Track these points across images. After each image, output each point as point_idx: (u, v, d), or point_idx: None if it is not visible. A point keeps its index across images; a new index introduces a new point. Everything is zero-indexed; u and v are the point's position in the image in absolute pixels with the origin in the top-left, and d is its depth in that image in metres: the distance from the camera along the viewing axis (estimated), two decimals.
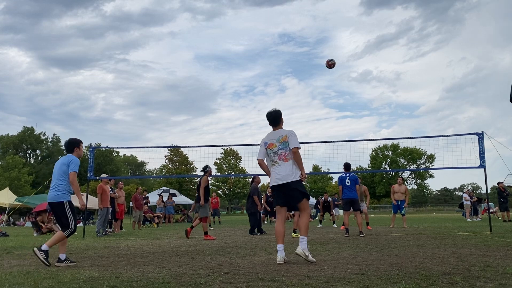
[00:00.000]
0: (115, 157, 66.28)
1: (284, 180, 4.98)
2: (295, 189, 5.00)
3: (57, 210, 5.20)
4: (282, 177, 4.99)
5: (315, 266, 4.53)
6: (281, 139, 5.11)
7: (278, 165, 5.07)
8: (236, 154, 60.20)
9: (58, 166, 5.30)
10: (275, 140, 5.14)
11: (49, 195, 5.28)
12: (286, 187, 5.00)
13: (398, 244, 6.98)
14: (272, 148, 5.14)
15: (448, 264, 4.47)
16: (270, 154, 5.16)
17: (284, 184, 4.99)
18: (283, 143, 5.09)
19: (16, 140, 58.04)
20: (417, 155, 63.25)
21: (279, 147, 5.09)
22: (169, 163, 58.23)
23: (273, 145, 5.15)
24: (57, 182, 5.22)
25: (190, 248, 7.00)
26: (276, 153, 5.10)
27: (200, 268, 4.54)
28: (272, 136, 5.21)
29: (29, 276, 4.12)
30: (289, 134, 5.12)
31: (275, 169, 5.09)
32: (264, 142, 5.26)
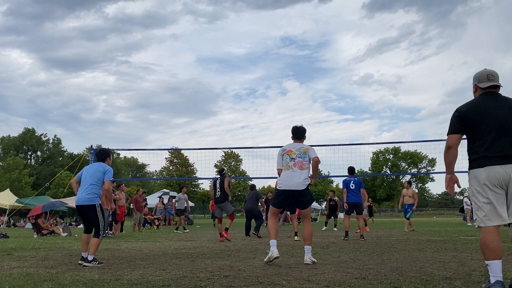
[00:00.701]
0: (116, 159, 66.31)
1: (297, 187, 5.19)
2: (305, 196, 5.24)
3: (88, 212, 5.34)
4: (296, 184, 5.19)
5: (315, 270, 4.52)
6: (301, 150, 5.39)
7: (292, 171, 5.26)
8: (237, 157, 60.18)
9: (91, 171, 5.44)
10: (295, 149, 5.40)
11: (80, 197, 5.37)
12: (297, 193, 5.21)
13: (398, 248, 6.96)
14: (290, 154, 5.37)
15: (448, 268, 4.46)
16: (286, 159, 5.36)
17: (294, 190, 5.20)
18: (302, 154, 5.35)
19: (17, 141, 58.08)
20: (418, 159, 63.18)
21: (297, 155, 5.33)
22: (170, 165, 58.24)
23: (292, 152, 5.38)
24: (90, 186, 5.34)
25: (190, 251, 6.99)
26: (293, 159, 5.31)
27: (200, 271, 4.53)
28: (293, 146, 5.47)
29: (29, 278, 4.12)
30: (310, 148, 5.46)
31: (289, 174, 5.26)
32: (282, 149, 5.50)
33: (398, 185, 64.13)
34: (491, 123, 3.18)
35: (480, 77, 3.40)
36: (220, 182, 9.89)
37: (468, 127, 3.27)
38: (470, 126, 3.26)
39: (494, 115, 3.19)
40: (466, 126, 3.27)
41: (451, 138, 3.32)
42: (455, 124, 3.32)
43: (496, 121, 3.17)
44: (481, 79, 3.38)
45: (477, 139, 3.23)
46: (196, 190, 58.68)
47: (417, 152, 61.74)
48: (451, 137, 3.32)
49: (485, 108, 3.24)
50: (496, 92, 3.36)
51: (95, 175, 5.37)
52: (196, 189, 58.55)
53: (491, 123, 3.18)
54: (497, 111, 3.20)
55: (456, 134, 3.30)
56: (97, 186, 5.35)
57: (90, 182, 5.35)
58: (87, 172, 5.47)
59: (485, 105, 3.26)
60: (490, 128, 3.18)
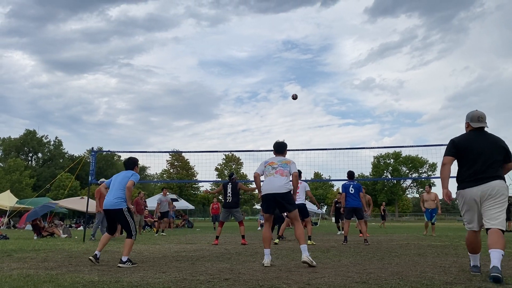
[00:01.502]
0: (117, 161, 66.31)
1: (278, 190, 5.41)
2: (286, 200, 5.43)
3: (116, 216, 5.68)
4: (277, 187, 5.42)
5: (315, 273, 4.51)
6: (283, 161, 5.68)
7: (274, 176, 5.52)
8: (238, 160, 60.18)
9: (120, 178, 5.79)
10: (276, 161, 5.69)
11: (107, 202, 5.71)
12: (279, 197, 5.41)
13: (399, 253, 6.95)
14: (272, 164, 5.66)
15: (449, 273, 4.44)
16: (268, 169, 5.64)
17: (275, 194, 5.41)
18: (284, 164, 5.64)
19: (18, 143, 58.15)
20: (419, 164, 63.12)
21: (278, 164, 5.62)
22: (170, 168, 58.24)
23: (273, 163, 5.67)
24: (117, 191, 5.67)
25: (190, 254, 6.98)
26: (275, 168, 5.59)
27: (200, 274, 4.53)
28: (275, 159, 5.77)
29: (29, 280, 4.11)
30: (292, 162, 5.70)
31: (270, 180, 5.53)
32: (265, 161, 5.80)
33: (399, 189, 64.05)
34: (474, 153, 4.18)
35: (472, 118, 4.35)
36: (232, 187, 9.78)
37: (459, 153, 4.28)
38: (460, 153, 4.27)
39: (477, 147, 4.19)
40: (458, 152, 4.28)
41: (446, 158, 4.33)
42: (450, 149, 4.33)
43: (478, 152, 4.17)
44: (473, 120, 4.34)
45: (463, 165, 4.26)
46: (196, 193, 58.61)
47: (418, 157, 61.71)
48: (446, 157, 4.34)
49: (472, 141, 4.25)
50: (483, 129, 4.35)
51: (123, 181, 5.71)
52: (196, 192, 58.49)
53: (474, 153, 4.18)
54: (480, 144, 4.20)
55: (450, 156, 4.33)
56: (123, 191, 5.66)
57: (118, 187, 5.70)
58: (116, 178, 5.84)
59: (473, 139, 4.28)
60: (473, 157, 4.18)
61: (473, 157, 4.17)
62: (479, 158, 4.14)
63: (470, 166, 4.17)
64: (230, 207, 9.71)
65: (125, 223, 5.62)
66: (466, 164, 4.22)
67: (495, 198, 4.03)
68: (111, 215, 5.74)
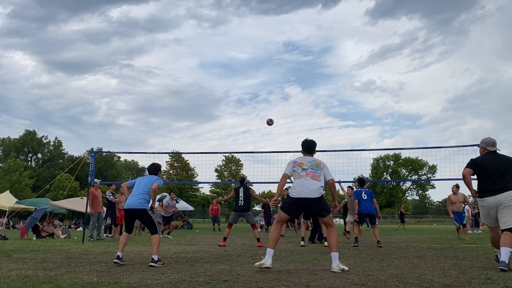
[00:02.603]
0: (116, 162, 66.29)
1: (311, 195, 5.08)
2: (321, 204, 5.14)
3: (140, 216, 5.90)
4: (310, 191, 5.08)
5: (315, 275, 4.51)
6: (313, 163, 5.33)
7: (305, 179, 5.15)
8: (238, 161, 60.17)
9: (145, 181, 6.02)
10: (306, 161, 5.33)
11: (130, 202, 5.90)
12: (310, 201, 5.09)
13: (398, 255, 6.94)
14: (302, 165, 5.28)
15: (448, 276, 4.44)
16: (297, 170, 5.25)
17: (308, 198, 5.08)
18: (314, 166, 5.28)
19: (18, 143, 58.12)
20: (418, 166, 63.10)
21: (309, 166, 5.26)
22: (170, 169, 58.22)
23: (303, 163, 5.30)
24: (142, 193, 5.89)
25: (190, 255, 6.97)
26: (305, 169, 5.23)
27: (199, 275, 4.52)
28: (304, 159, 5.41)
29: (27, 280, 4.11)
30: (323, 164, 5.36)
31: (302, 182, 5.15)
32: (293, 161, 5.41)
33: (399, 191, 63.99)
34: (489, 170, 5.21)
35: (487, 143, 5.43)
36: (244, 191, 9.87)
37: (477, 170, 5.31)
38: (478, 170, 5.30)
39: (492, 166, 5.23)
40: (476, 168, 5.31)
41: (466, 170, 5.33)
42: (471, 165, 5.35)
43: (492, 169, 5.21)
44: (488, 145, 5.42)
45: (482, 179, 5.28)
46: (196, 194, 58.60)
47: (418, 159, 61.68)
48: (466, 169, 5.33)
49: (488, 161, 5.30)
50: (496, 152, 5.41)
51: (148, 184, 5.93)
52: (196, 193, 58.48)
53: (489, 170, 5.21)
54: (495, 164, 5.25)
55: (469, 169, 5.33)
56: (148, 194, 5.91)
57: (142, 190, 5.91)
58: (141, 181, 6.06)
59: (488, 160, 5.32)
60: (488, 173, 5.21)
61: (489, 173, 5.18)
62: (494, 173, 5.16)
63: (488, 180, 5.18)
64: (242, 211, 9.84)
65: (149, 221, 5.84)
66: (484, 178, 5.22)
67: (509, 207, 5.02)
68: (133, 215, 5.94)
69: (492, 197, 5.14)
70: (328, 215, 5.21)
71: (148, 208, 5.87)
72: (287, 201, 5.32)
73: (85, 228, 12.28)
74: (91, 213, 11.83)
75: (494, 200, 5.14)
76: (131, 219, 6.04)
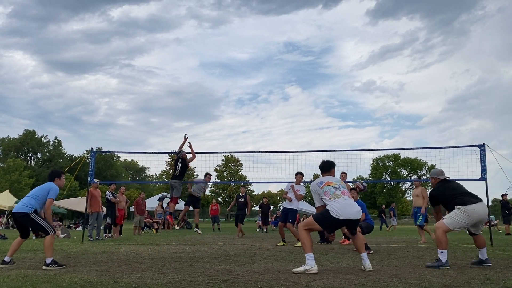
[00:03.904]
0: (116, 162, 66.28)
1: (355, 216, 5.04)
2: (357, 223, 5.26)
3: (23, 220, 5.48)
4: (355, 213, 5.03)
5: (314, 276, 4.51)
6: (341, 182, 5.34)
7: (344, 199, 5.03)
8: (237, 161, 60.18)
9: (38, 187, 5.72)
10: (334, 180, 5.25)
11: (16, 206, 5.66)
12: (353, 222, 5.09)
13: (398, 255, 6.94)
14: (332, 184, 5.16)
15: (448, 276, 4.44)
16: (330, 190, 5.11)
17: (354, 220, 5.06)
18: (343, 185, 5.30)
19: (17, 143, 58.09)
20: (418, 166, 63.12)
21: (339, 185, 5.18)
22: (170, 168, 58.18)
23: (331, 183, 5.19)
24: (28, 197, 5.56)
25: (189, 255, 6.98)
26: (338, 189, 5.12)
27: (199, 275, 4.52)
28: (329, 179, 5.30)
29: (27, 280, 4.11)
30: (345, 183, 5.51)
31: (345, 203, 5.00)
32: (318, 183, 5.23)
33: (398, 192, 64.01)
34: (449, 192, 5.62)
35: (437, 173, 5.86)
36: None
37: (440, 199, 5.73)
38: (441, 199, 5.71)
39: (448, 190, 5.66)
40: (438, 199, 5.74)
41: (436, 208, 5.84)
42: (433, 202, 5.80)
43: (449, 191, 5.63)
44: (439, 174, 5.85)
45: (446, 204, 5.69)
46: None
47: (417, 159, 61.70)
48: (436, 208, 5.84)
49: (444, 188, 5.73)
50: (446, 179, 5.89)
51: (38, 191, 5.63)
52: None
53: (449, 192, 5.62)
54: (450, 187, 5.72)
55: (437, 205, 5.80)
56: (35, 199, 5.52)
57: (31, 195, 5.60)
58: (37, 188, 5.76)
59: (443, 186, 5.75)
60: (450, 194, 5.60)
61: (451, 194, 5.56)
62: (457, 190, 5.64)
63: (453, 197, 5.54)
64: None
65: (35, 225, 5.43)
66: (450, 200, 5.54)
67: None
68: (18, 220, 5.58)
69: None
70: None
71: (30, 212, 5.40)
72: (327, 219, 4.99)
73: (85, 227, 12.27)
74: (90, 213, 11.83)
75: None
76: (19, 224, 5.66)
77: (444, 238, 5.42)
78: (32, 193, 5.63)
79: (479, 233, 5.64)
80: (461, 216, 5.31)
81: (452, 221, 5.39)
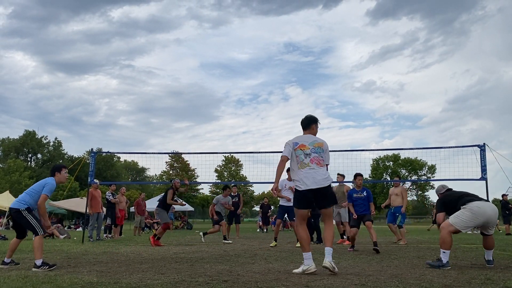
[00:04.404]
0: (116, 163, 66.29)
1: (321, 184, 4.74)
2: (331, 193, 4.90)
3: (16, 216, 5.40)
4: (318, 181, 4.73)
5: (314, 276, 4.51)
6: (316, 144, 4.92)
7: (310, 168, 4.78)
8: (237, 162, 60.16)
9: (36, 183, 5.63)
10: (308, 143, 4.91)
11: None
12: (321, 191, 4.75)
13: (398, 255, 6.94)
14: (304, 149, 4.85)
15: (448, 276, 4.44)
16: (300, 155, 4.84)
17: (320, 188, 4.74)
18: (317, 148, 4.89)
19: (17, 143, 58.10)
20: (418, 166, 63.12)
21: (312, 150, 4.85)
22: (170, 169, 58.21)
23: (305, 146, 4.87)
24: (24, 193, 5.47)
25: (189, 255, 6.98)
26: (309, 155, 4.82)
27: (199, 275, 4.52)
28: (305, 139, 4.98)
29: (27, 280, 4.11)
30: (326, 146, 4.99)
31: (308, 173, 4.77)
32: (293, 142, 4.95)
33: None
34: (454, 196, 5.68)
35: (440, 189, 6.06)
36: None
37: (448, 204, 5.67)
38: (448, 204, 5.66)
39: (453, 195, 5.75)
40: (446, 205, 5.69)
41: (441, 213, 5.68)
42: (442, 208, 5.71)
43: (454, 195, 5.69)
44: (441, 190, 6.03)
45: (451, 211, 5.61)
46: (196, 194, 58.61)
47: (417, 159, 61.71)
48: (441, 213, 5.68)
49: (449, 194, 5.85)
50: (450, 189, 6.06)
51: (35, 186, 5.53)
52: (196, 194, 58.49)
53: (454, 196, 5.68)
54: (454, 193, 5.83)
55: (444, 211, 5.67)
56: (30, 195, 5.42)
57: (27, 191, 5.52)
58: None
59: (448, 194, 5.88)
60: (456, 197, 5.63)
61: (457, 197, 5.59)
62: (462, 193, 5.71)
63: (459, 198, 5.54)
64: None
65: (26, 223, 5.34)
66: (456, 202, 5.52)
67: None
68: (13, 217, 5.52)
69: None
70: (330, 207, 4.94)
71: (22, 208, 5.30)
72: (297, 196, 4.90)
73: (85, 228, 12.27)
74: (91, 214, 11.84)
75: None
76: (14, 221, 5.62)
77: (448, 238, 5.32)
78: (29, 189, 5.54)
79: (490, 234, 5.51)
80: (466, 214, 5.22)
81: (457, 220, 5.29)
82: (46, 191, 5.37)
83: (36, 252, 5.11)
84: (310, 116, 5.18)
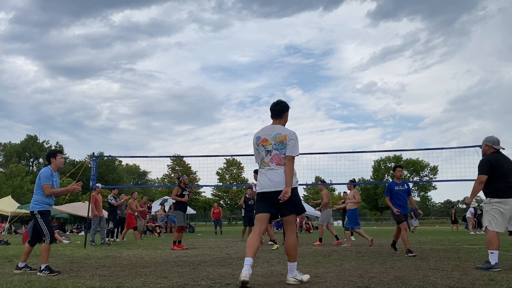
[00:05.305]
0: (118, 166, 66.32)
1: (276, 187, 4.11)
2: (293, 200, 4.11)
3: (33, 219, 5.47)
4: (274, 183, 4.13)
5: (317, 278, 4.50)
6: (278, 138, 4.23)
7: (269, 168, 4.20)
8: (239, 164, 60.13)
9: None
10: (270, 137, 4.27)
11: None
12: (277, 195, 4.09)
13: (401, 257, 6.92)
14: (266, 145, 4.26)
15: (451, 277, 4.43)
16: (262, 152, 4.28)
17: (276, 192, 4.10)
18: (279, 144, 4.21)
19: (19, 148, 58.22)
20: (420, 167, 63.00)
21: (273, 146, 4.22)
22: (172, 172, 58.22)
23: (267, 141, 4.26)
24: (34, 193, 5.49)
25: (192, 259, 6.97)
26: (270, 152, 4.22)
27: (202, 279, 4.51)
28: (268, 131, 4.33)
29: (30, 285, 4.11)
30: (290, 135, 4.22)
31: (266, 172, 4.22)
32: (256, 137, 4.38)
33: None
34: (505, 171, 5.33)
35: (494, 142, 5.58)
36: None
37: (491, 171, 5.36)
38: (493, 170, 5.35)
39: (507, 166, 5.39)
40: (491, 170, 5.37)
41: (484, 176, 5.40)
42: (488, 169, 5.36)
43: (508, 169, 5.36)
44: (495, 143, 5.58)
45: (498, 180, 5.33)
46: (198, 197, 58.61)
47: (419, 160, 61.59)
48: (484, 176, 5.40)
49: (501, 161, 5.42)
50: (500, 151, 5.62)
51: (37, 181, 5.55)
52: (197, 197, 58.50)
53: (505, 171, 5.33)
54: (507, 164, 5.41)
55: (486, 175, 5.37)
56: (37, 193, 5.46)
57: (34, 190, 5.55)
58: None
59: (501, 159, 5.45)
60: (505, 174, 5.32)
61: (505, 174, 5.32)
62: (510, 174, 5.33)
63: (507, 180, 5.29)
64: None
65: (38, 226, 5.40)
66: (500, 179, 5.30)
67: None
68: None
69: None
70: (292, 215, 4.22)
71: (35, 210, 5.31)
72: (257, 198, 4.34)
73: (87, 232, 12.27)
74: (92, 218, 11.84)
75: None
76: (34, 225, 5.57)
77: (494, 238, 5.28)
78: (35, 188, 5.59)
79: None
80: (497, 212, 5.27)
81: (495, 222, 5.31)
82: (43, 181, 5.41)
83: (43, 256, 5.22)
84: (285, 103, 4.45)
